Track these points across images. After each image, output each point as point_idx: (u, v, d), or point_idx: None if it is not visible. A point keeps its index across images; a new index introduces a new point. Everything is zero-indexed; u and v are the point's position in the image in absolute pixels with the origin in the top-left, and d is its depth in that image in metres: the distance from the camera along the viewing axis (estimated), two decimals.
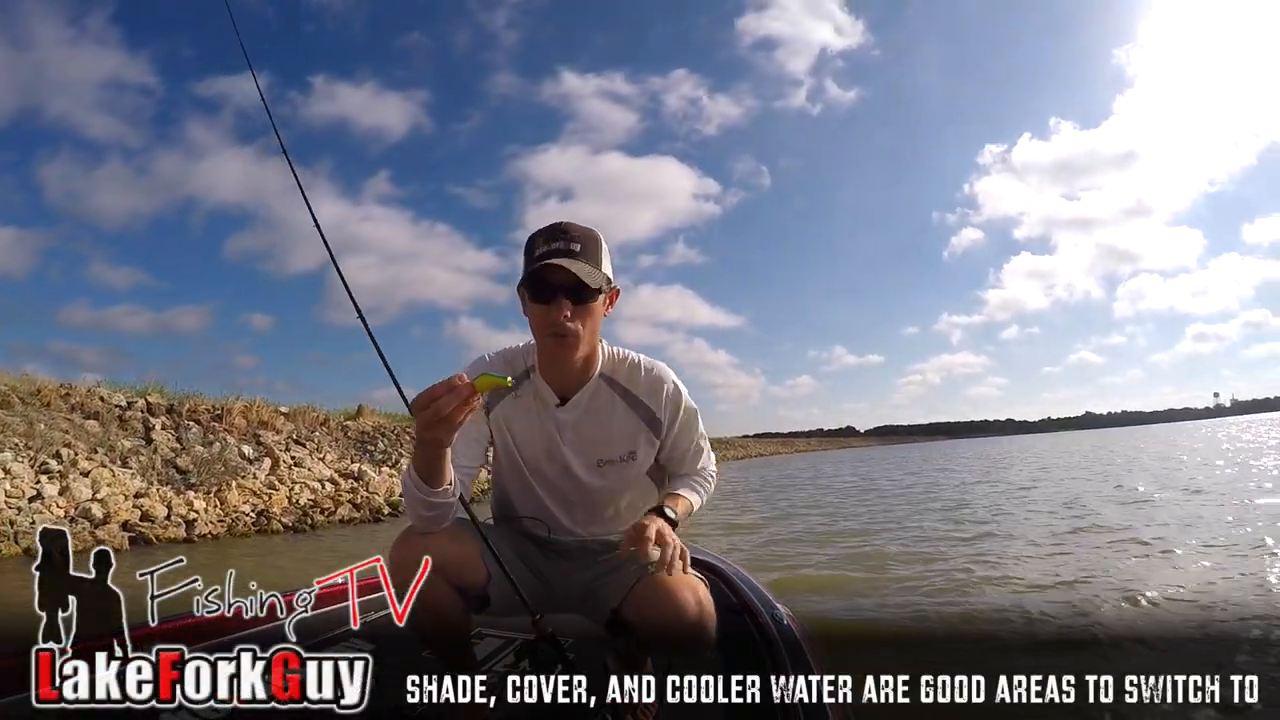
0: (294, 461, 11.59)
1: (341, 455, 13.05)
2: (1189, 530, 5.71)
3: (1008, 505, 8.80)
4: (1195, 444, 22.84)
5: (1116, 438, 41.79)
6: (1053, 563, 4.80)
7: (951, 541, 6.01)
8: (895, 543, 6.12)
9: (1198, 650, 2.88)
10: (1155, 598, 3.65)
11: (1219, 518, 6.25)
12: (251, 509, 9.55)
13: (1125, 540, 5.38)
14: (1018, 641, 3.19)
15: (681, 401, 1.34)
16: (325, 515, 9.95)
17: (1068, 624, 3.27)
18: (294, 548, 7.91)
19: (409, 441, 15.75)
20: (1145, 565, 4.51)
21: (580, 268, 1.17)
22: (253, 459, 10.83)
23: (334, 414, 14.55)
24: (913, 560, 5.18)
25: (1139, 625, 3.24)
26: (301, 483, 10.89)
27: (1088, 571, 4.39)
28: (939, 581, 4.38)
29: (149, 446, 9.71)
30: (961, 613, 3.65)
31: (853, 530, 7.19)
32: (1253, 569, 4.08)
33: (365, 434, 14.61)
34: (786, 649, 1.55)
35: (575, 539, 1.40)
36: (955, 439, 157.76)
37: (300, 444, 12.33)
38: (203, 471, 9.73)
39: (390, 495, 11.69)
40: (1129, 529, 5.92)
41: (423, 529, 1.24)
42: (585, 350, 1.25)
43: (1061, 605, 3.59)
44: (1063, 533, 6.12)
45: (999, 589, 4.10)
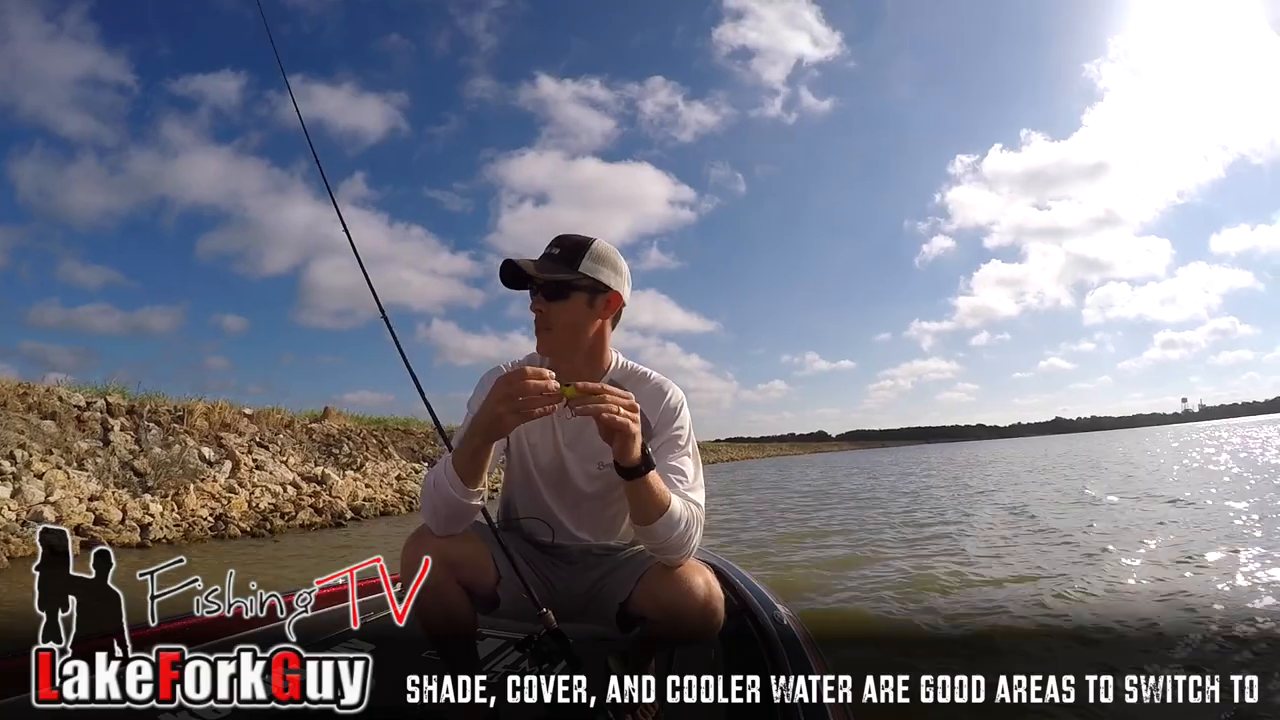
0: (255, 464, 11.36)
1: (305, 458, 12.83)
2: (1120, 533, 5.95)
3: (961, 507, 9.20)
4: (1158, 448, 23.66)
5: (1085, 443, 43.19)
6: (980, 563, 5.00)
7: (894, 543, 6.25)
8: (844, 546, 6.30)
9: (1088, 651, 2.96)
10: (1072, 596, 3.78)
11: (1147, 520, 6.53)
12: (210, 513, 9.33)
13: (1058, 543, 5.62)
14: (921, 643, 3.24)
15: (677, 414, 1.35)
16: (285, 520, 9.74)
17: (967, 622, 3.40)
18: (249, 553, 7.74)
19: (375, 445, 15.55)
20: (1068, 566, 4.69)
21: (527, 264, 1.28)
22: (213, 462, 10.58)
23: (299, 416, 14.30)
24: (855, 562, 5.35)
25: (1046, 623, 3.33)
26: (262, 486, 10.68)
27: (1007, 572, 4.61)
28: (869, 584, 4.47)
29: (106, 448, 9.43)
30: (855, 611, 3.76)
31: (801, 533, 7.36)
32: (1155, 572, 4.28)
33: (330, 437, 14.38)
34: (786, 649, 1.56)
35: (578, 543, 1.43)
36: (927, 443, 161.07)
37: (263, 446, 12.09)
38: (161, 474, 9.49)
39: (353, 499, 11.50)
40: (1060, 531, 6.20)
41: (440, 533, 1.25)
42: (563, 346, 1.32)
43: (977, 603, 3.76)
44: (994, 534, 6.44)
45: (922, 590, 4.21)
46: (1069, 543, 5.58)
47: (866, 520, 8.19)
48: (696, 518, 1.25)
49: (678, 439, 1.33)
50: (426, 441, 17.78)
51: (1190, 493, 8.50)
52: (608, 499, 1.40)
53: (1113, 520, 6.69)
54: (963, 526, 7.02)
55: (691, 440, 1.36)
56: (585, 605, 1.42)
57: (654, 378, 1.38)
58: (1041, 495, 9.93)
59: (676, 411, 1.35)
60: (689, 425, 1.36)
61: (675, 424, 1.34)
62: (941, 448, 78.49)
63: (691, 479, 1.30)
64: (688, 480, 1.29)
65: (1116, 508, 7.72)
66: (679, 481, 1.27)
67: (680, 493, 1.24)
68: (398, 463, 15.38)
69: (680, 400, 1.37)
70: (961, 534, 6.47)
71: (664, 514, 1.19)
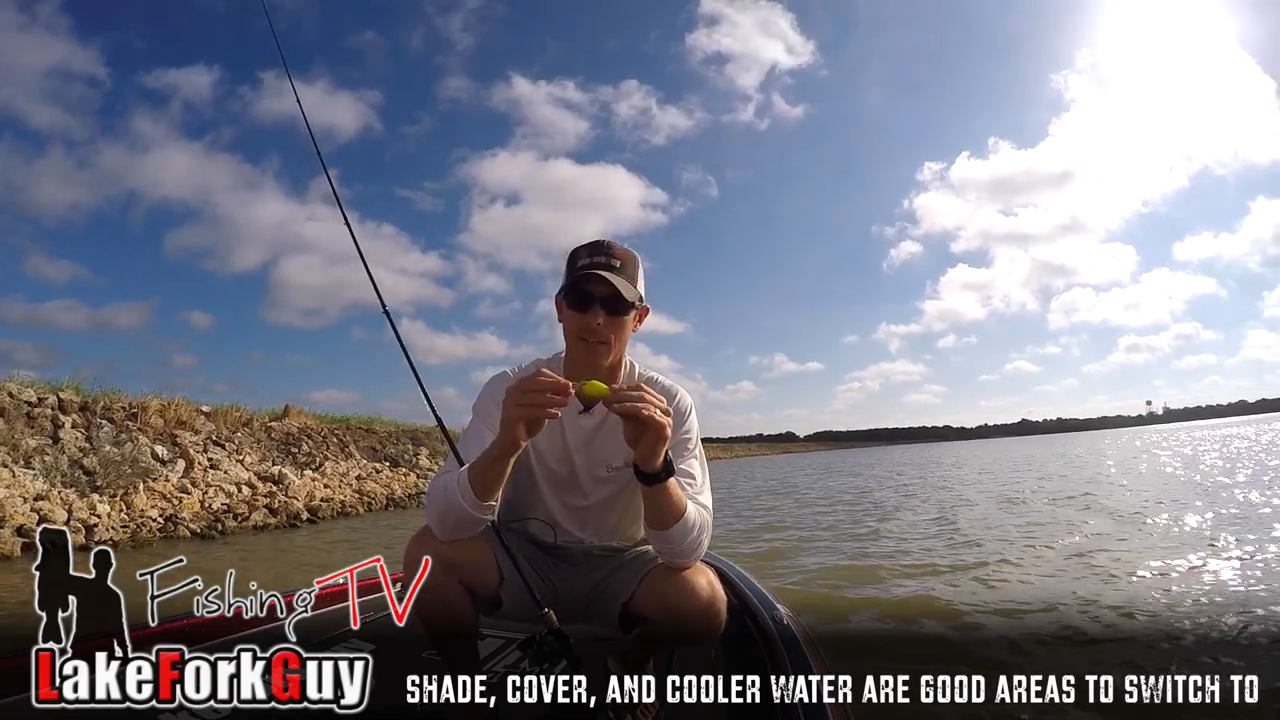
0: (210, 463, 11.07)
1: (263, 457, 12.55)
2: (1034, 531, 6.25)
3: (895, 506, 9.66)
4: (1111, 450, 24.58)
5: (1045, 445, 44.70)
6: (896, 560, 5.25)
7: (818, 540, 6.54)
8: (779, 539, 6.56)
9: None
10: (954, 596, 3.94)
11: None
12: (160, 513, 9.07)
13: (960, 544, 5.87)
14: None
15: (685, 418, 1.38)
16: (238, 521, 9.52)
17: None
18: (196, 556, 7.58)
19: (336, 444, 15.28)
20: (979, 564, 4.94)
21: (618, 281, 1.27)
22: (166, 460, 10.29)
23: (258, 414, 13.99)
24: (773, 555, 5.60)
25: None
26: (216, 486, 10.43)
27: (910, 571, 4.82)
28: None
29: (55, 445, 9.10)
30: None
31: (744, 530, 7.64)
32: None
33: (290, 435, 14.09)
34: (786, 649, 1.57)
35: (581, 545, 1.45)
36: (894, 444, 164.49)
37: (220, 445, 11.79)
38: (110, 473, 9.19)
39: (310, 500, 11.26)
40: (969, 533, 6.50)
41: (445, 539, 1.27)
42: (612, 360, 1.33)
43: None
44: (911, 533, 6.76)
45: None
46: (973, 543, 5.84)
47: (803, 519, 8.70)
48: (706, 521, 1.27)
49: (686, 442, 1.36)
50: (389, 441, 17.54)
51: (1115, 497, 8.88)
52: (613, 502, 1.43)
53: (1026, 521, 7.07)
54: (890, 526, 7.36)
55: (699, 444, 1.39)
56: (587, 606, 1.43)
57: (663, 382, 1.41)
58: (971, 497, 10.39)
59: (685, 415, 1.38)
60: (696, 430, 1.39)
61: (684, 428, 1.36)
62: (906, 449, 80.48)
63: (700, 482, 1.32)
64: (696, 483, 1.31)
65: (1035, 510, 8.08)
66: (688, 485, 1.29)
67: (690, 495, 1.26)
68: (359, 462, 15.14)
69: (689, 405, 1.40)
70: (876, 534, 6.80)
71: (680, 519, 1.21)
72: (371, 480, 14.22)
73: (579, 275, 1.28)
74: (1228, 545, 4.77)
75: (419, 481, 15.30)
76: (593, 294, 1.28)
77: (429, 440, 19.08)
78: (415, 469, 16.59)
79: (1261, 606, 3.24)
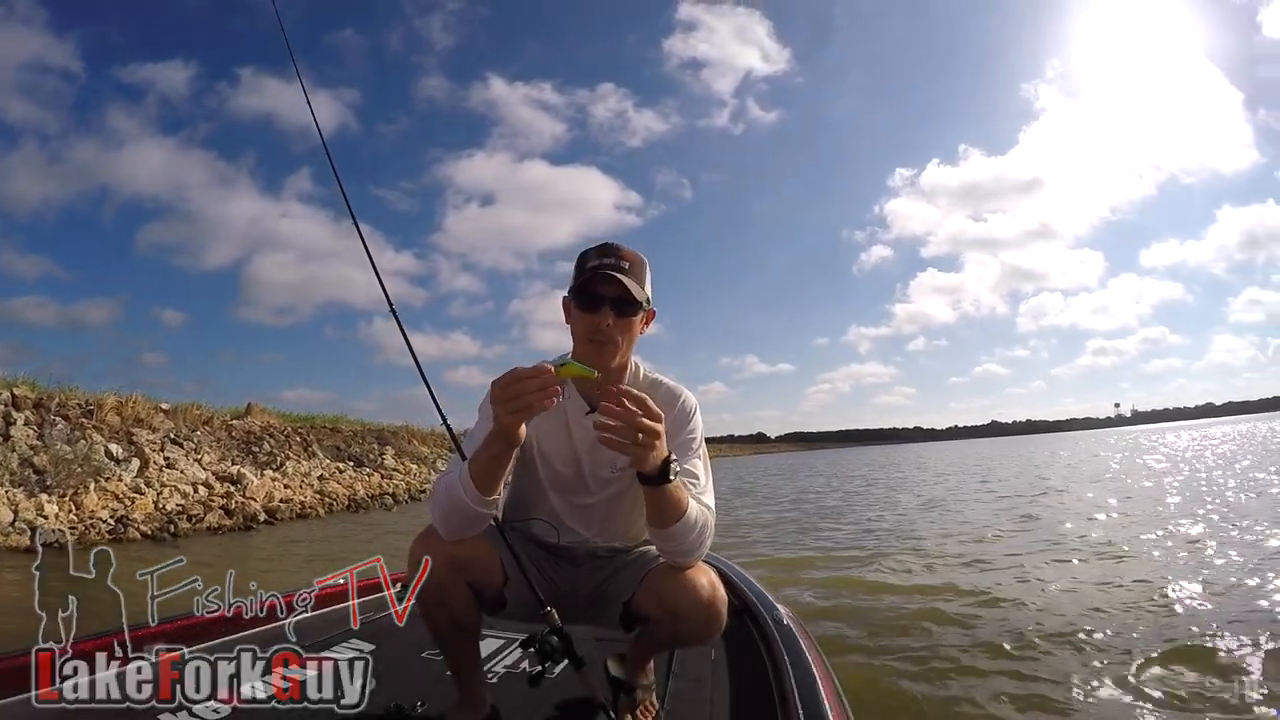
0: (167, 462, 10.77)
1: (223, 456, 12.27)
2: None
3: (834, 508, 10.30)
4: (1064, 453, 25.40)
5: (1010, 447, 45.98)
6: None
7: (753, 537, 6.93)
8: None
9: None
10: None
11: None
12: (110, 514, 8.82)
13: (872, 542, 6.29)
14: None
15: (690, 419, 1.40)
16: (192, 523, 9.26)
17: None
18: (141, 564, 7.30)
19: (299, 443, 15.01)
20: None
21: (628, 281, 1.28)
22: (121, 459, 9.99)
23: (219, 412, 13.69)
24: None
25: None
26: (172, 486, 10.16)
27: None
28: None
29: (5, 443, 8.79)
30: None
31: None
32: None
33: (251, 434, 13.81)
34: (786, 649, 1.60)
35: (585, 545, 1.46)
36: (865, 445, 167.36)
37: (178, 444, 11.49)
38: (61, 472, 8.90)
39: (269, 501, 11.05)
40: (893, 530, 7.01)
41: (450, 538, 1.27)
42: (620, 360, 1.35)
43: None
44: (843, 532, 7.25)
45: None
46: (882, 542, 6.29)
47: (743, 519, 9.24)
48: (709, 521, 1.28)
49: (690, 442, 1.38)
50: (354, 440, 17.27)
51: (1048, 501, 9.26)
52: (617, 503, 1.44)
53: (950, 521, 7.51)
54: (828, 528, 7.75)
55: (702, 444, 1.41)
56: (589, 606, 1.45)
57: (668, 383, 1.44)
58: (905, 500, 10.93)
59: (689, 416, 1.40)
60: (701, 430, 1.42)
61: (688, 428, 1.39)
62: (876, 450, 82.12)
63: (703, 482, 1.33)
64: (700, 483, 1.32)
65: (968, 511, 8.55)
66: (691, 484, 1.29)
67: (693, 495, 1.26)
68: (321, 462, 14.88)
69: (694, 405, 1.42)
70: (803, 532, 7.24)
71: (681, 519, 1.21)
72: (334, 480, 13.97)
73: (588, 276, 1.30)
74: (1126, 553, 4.96)
75: (383, 482, 15.08)
76: (602, 295, 1.29)
77: (396, 440, 18.83)
78: (380, 469, 16.36)
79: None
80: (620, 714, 1.39)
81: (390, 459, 17.26)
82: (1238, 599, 3.47)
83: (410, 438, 19.80)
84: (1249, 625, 2.91)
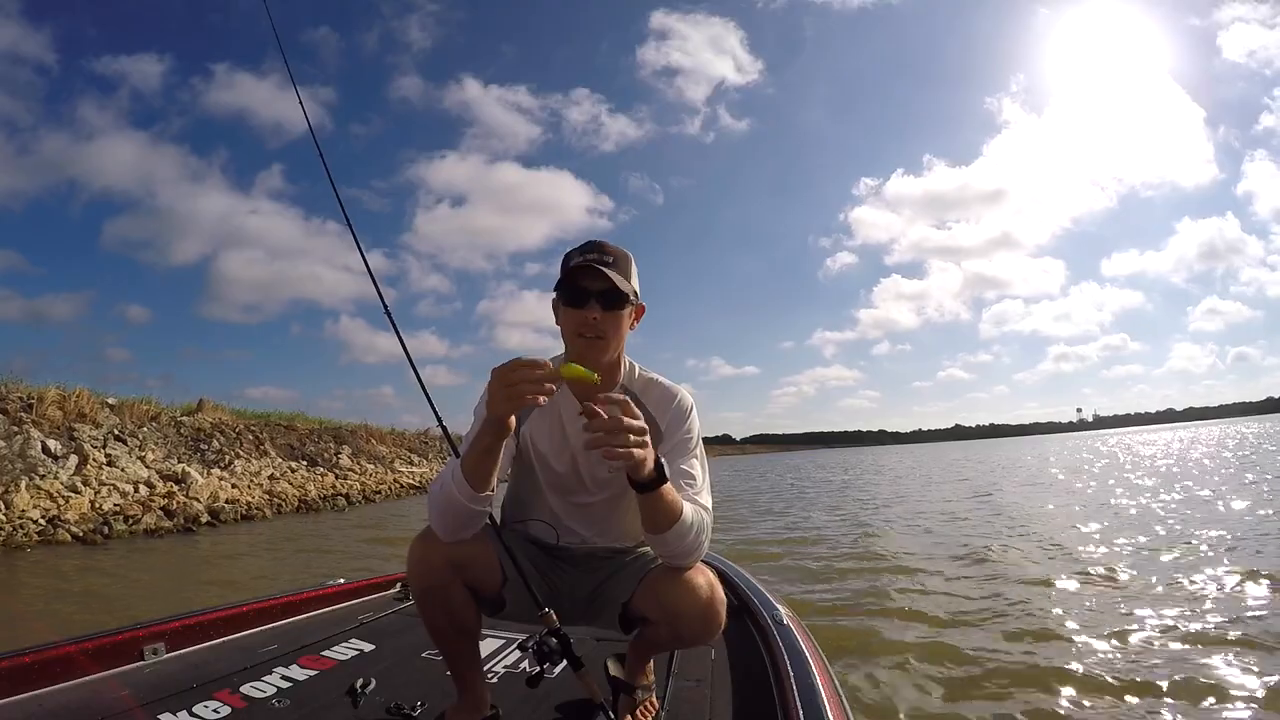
0: (108, 460, 10.39)
1: (168, 454, 11.91)
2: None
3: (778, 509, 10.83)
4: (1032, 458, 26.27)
5: (969, 450, 47.19)
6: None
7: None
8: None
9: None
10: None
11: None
12: (42, 515, 8.51)
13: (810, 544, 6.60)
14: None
15: (686, 418, 1.42)
16: (128, 524, 8.94)
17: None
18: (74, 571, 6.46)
19: (251, 441, 14.66)
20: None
21: (613, 275, 1.29)
22: (59, 455, 9.64)
23: (168, 408, 13.30)
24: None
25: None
26: (111, 484, 9.81)
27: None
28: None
29: None
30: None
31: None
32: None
33: (201, 431, 13.45)
34: (786, 649, 1.61)
35: (583, 546, 1.47)
36: (830, 448, 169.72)
37: (121, 440, 11.12)
38: None
39: (213, 501, 10.70)
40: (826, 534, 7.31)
41: (448, 539, 1.28)
42: (610, 355, 1.36)
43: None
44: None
45: None
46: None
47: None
48: (706, 522, 1.28)
49: (687, 443, 1.40)
50: (309, 439, 16.94)
51: (977, 504, 9.69)
52: (615, 504, 1.46)
53: (882, 524, 7.82)
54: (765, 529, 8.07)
55: (699, 444, 1.43)
56: (588, 607, 1.46)
57: (664, 383, 1.45)
58: (842, 505, 11.27)
59: (685, 416, 1.42)
60: (697, 430, 1.44)
61: (684, 428, 1.41)
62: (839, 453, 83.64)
63: (700, 483, 1.34)
64: (696, 484, 1.33)
65: (898, 516, 8.89)
66: (688, 485, 1.30)
67: (689, 496, 1.27)
68: (273, 460, 14.56)
69: (690, 405, 1.44)
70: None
71: (676, 523, 1.21)
72: (285, 480, 13.64)
73: (573, 270, 1.31)
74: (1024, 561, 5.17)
75: (337, 483, 14.74)
76: (588, 289, 1.30)
77: (353, 439, 18.53)
78: (335, 469, 16.04)
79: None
80: (620, 714, 1.41)
81: (346, 459, 16.97)
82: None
83: (369, 437, 19.51)
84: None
